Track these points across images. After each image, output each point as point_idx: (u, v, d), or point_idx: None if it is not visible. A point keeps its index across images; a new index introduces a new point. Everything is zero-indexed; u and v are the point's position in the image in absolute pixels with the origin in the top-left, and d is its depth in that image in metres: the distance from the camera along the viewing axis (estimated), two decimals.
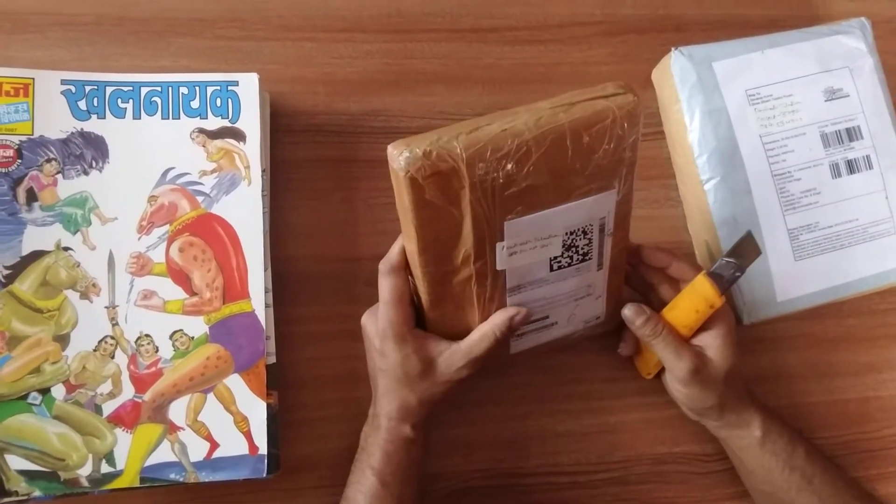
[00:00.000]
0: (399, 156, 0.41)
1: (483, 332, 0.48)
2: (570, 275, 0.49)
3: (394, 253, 0.49)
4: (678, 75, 0.59)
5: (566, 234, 0.46)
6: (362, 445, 0.51)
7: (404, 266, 0.48)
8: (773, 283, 0.57)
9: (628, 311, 0.51)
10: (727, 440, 0.54)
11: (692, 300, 0.50)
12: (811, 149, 0.58)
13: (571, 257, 0.48)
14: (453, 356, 0.48)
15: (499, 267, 0.46)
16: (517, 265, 0.47)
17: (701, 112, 0.58)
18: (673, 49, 0.59)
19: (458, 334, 0.49)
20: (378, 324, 0.49)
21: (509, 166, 0.42)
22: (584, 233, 0.47)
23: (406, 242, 0.46)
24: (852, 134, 0.59)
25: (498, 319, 0.48)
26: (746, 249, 0.50)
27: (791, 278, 0.57)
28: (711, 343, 0.51)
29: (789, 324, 0.60)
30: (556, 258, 0.47)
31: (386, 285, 0.48)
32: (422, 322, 0.50)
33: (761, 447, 0.51)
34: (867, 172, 0.59)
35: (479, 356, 0.48)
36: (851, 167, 0.58)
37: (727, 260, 0.50)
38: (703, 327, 0.51)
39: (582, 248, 0.48)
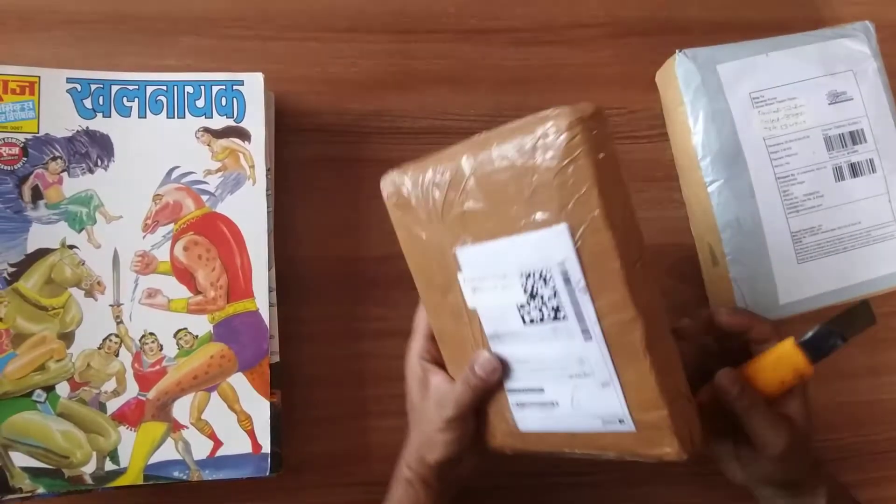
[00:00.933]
0: (385, 178, 0.45)
1: (462, 376, 0.45)
2: (547, 335, 0.41)
3: None
4: (682, 77, 0.59)
5: (522, 276, 0.40)
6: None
7: None
8: (775, 286, 0.57)
9: (725, 379, 0.44)
10: None
11: (777, 370, 0.44)
12: (815, 152, 0.58)
13: (541, 310, 0.41)
14: (440, 395, 0.46)
15: (468, 304, 0.44)
16: (485, 305, 0.43)
17: (705, 114, 0.58)
18: (677, 51, 0.59)
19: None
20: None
21: (444, 188, 0.41)
22: (544, 280, 0.40)
23: None
24: (856, 137, 0.59)
25: (468, 364, 0.44)
26: (859, 319, 0.44)
27: (794, 281, 0.57)
28: (797, 411, 0.45)
29: (792, 327, 0.60)
30: (522, 307, 0.41)
31: (417, 314, 0.49)
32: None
33: None
34: (870, 176, 0.59)
35: (458, 399, 0.44)
36: (855, 170, 0.59)
37: (829, 328, 0.44)
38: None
39: (549, 301, 0.40)
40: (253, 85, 0.55)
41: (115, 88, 0.54)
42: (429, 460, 0.47)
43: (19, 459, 0.48)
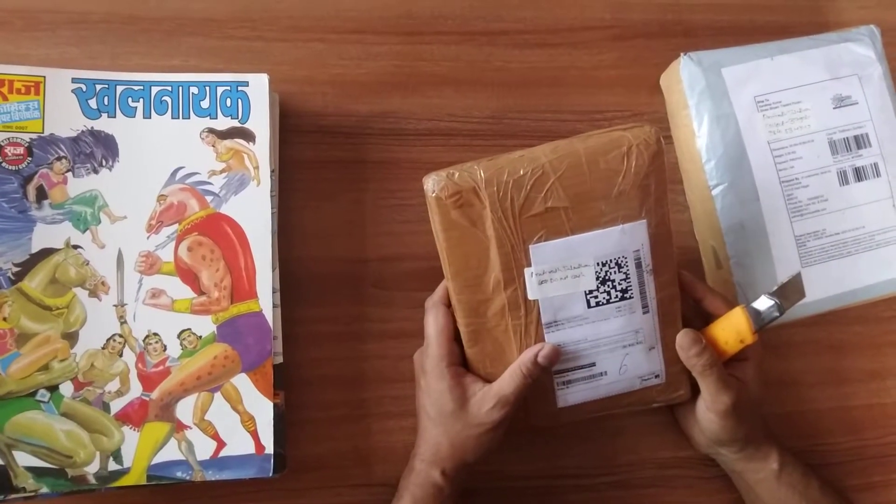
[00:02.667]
0: (428, 179, 0.46)
1: (511, 370, 0.47)
2: (610, 314, 0.48)
3: (438, 289, 0.50)
4: (687, 81, 0.59)
5: (598, 264, 0.47)
6: (398, 486, 0.50)
7: (447, 302, 0.49)
8: None
9: (685, 338, 0.49)
10: (743, 473, 0.53)
11: (725, 332, 0.49)
12: (819, 156, 0.58)
13: (609, 293, 0.48)
14: (485, 397, 0.47)
15: (530, 296, 0.47)
16: (550, 296, 0.47)
17: (709, 118, 0.58)
18: (682, 54, 0.59)
19: (498, 374, 0.48)
20: (421, 359, 0.50)
21: (527, 188, 0.45)
22: (619, 265, 0.47)
23: (444, 272, 0.48)
24: (860, 141, 0.59)
25: (525, 356, 0.47)
26: (791, 291, 0.49)
27: None
28: (745, 375, 0.50)
29: (795, 330, 0.60)
30: (591, 292, 0.48)
31: (429, 319, 0.49)
32: (466, 363, 0.50)
33: (777, 480, 0.51)
34: (875, 180, 0.59)
35: (509, 396, 0.47)
36: (859, 175, 0.59)
37: (769, 298, 0.48)
38: (736, 357, 0.50)
39: (619, 284, 0.47)
40: (258, 86, 0.55)
41: (120, 89, 0.54)
42: (469, 461, 0.49)
43: (23, 459, 0.48)
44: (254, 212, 0.54)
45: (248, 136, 0.55)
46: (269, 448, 0.51)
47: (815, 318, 0.59)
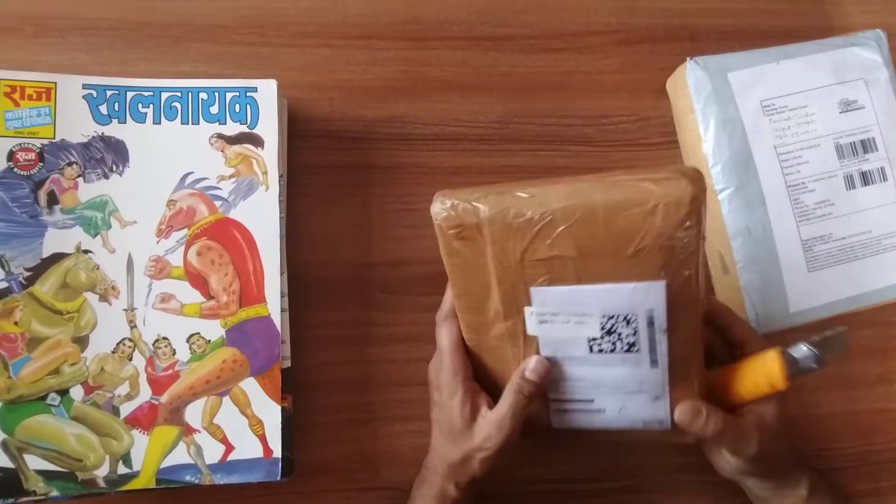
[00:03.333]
0: (435, 203, 0.44)
1: (505, 391, 0.46)
2: (614, 362, 0.45)
3: (447, 302, 0.49)
4: (693, 85, 0.59)
5: (604, 317, 0.43)
6: (411, 495, 0.51)
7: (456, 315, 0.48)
8: (786, 294, 0.57)
9: (682, 416, 0.45)
10: (770, 500, 0.51)
11: (755, 374, 0.46)
12: (826, 160, 0.58)
13: (614, 344, 0.44)
14: (485, 424, 0.46)
15: (529, 332, 0.45)
16: (550, 335, 0.45)
17: (715, 122, 0.58)
18: (688, 59, 0.60)
19: (500, 389, 0.47)
20: (437, 373, 0.49)
21: (532, 232, 0.41)
22: (627, 321, 0.43)
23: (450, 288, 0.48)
24: (867, 146, 0.59)
25: (515, 373, 0.46)
26: (835, 344, 0.45)
27: (804, 289, 0.57)
28: (768, 414, 0.46)
29: (802, 335, 0.59)
30: (594, 339, 0.44)
31: (442, 332, 0.49)
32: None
33: None
34: (881, 184, 0.59)
35: (505, 418, 0.45)
36: (866, 179, 0.59)
37: (809, 348, 0.44)
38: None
39: (626, 338, 0.44)
40: (266, 92, 0.56)
41: (130, 95, 0.54)
42: (478, 477, 0.48)
43: (33, 462, 0.48)
44: (262, 216, 0.54)
45: (257, 141, 0.55)
46: (277, 452, 0.51)
47: (822, 322, 0.58)
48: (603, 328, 0.43)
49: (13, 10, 0.58)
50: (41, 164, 0.52)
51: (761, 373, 0.45)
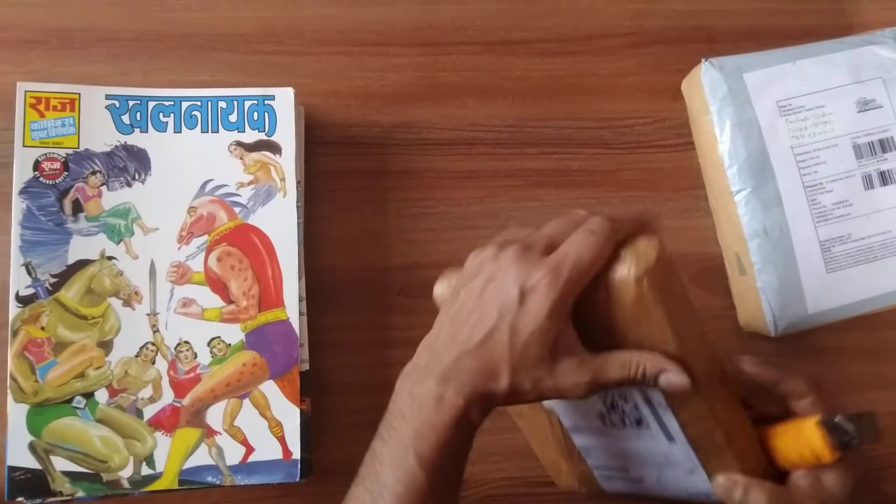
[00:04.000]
0: (436, 286, 0.44)
1: (622, 361, 0.37)
2: (630, 436, 0.43)
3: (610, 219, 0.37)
4: (708, 86, 0.59)
5: (599, 393, 0.40)
6: (389, 423, 0.40)
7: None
8: (804, 296, 0.56)
9: (719, 491, 0.41)
10: None
11: (796, 444, 0.41)
12: (843, 160, 0.58)
13: (623, 419, 0.42)
14: (580, 366, 0.37)
15: (545, 406, 0.44)
16: (565, 409, 0.44)
17: (731, 123, 0.58)
18: (703, 60, 0.59)
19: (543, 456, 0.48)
20: (534, 275, 0.36)
21: None
22: (624, 398, 0.41)
23: None
24: (885, 145, 0.58)
25: (647, 361, 0.37)
26: (867, 427, 0.39)
27: (823, 290, 0.57)
28: (831, 475, 0.40)
29: (821, 336, 0.60)
30: (603, 414, 0.43)
31: (589, 244, 0.36)
32: None
33: None
34: None
35: (603, 383, 0.37)
36: (884, 178, 0.58)
37: (847, 422, 0.39)
38: None
39: (630, 413, 0.42)
40: (284, 99, 0.56)
41: (151, 104, 0.56)
42: (506, 399, 0.38)
43: (60, 464, 0.50)
44: (280, 222, 0.55)
45: (275, 148, 0.56)
46: (296, 453, 0.52)
47: (842, 323, 0.58)
48: (605, 403, 0.42)
49: (38, 23, 0.60)
50: (66, 173, 0.54)
51: (803, 443, 0.40)
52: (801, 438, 0.40)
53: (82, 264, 0.53)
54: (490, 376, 0.37)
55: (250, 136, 0.56)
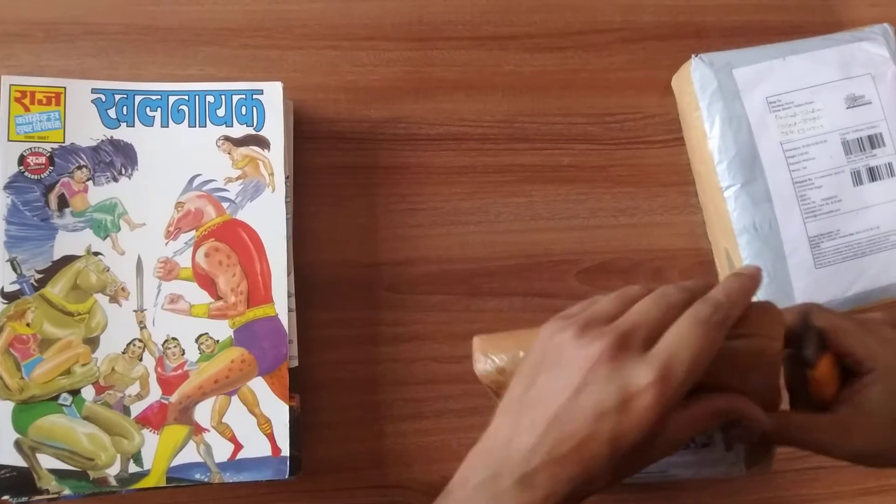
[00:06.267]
0: (478, 362, 0.40)
1: (715, 410, 0.35)
2: (687, 454, 0.44)
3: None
4: (698, 82, 0.59)
5: None
6: None
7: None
8: (793, 291, 0.57)
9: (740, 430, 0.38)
10: None
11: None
12: (832, 156, 0.58)
13: (687, 445, 0.42)
14: (678, 431, 0.34)
15: None
16: None
17: (721, 119, 0.58)
18: (693, 56, 0.59)
19: None
20: (639, 379, 0.32)
21: None
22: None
23: None
24: (874, 141, 0.58)
25: (734, 404, 0.36)
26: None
27: (811, 286, 0.57)
28: (871, 390, 0.38)
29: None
30: None
31: (699, 338, 0.33)
32: None
33: None
34: (889, 180, 0.58)
35: (679, 443, 0.35)
36: (873, 175, 0.58)
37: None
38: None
39: (699, 439, 0.43)
40: (272, 94, 0.56)
41: (138, 98, 0.55)
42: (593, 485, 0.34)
43: (46, 461, 0.49)
44: (269, 217, 0.55)
45: (263, 143, 0.56)
46: (285, 450, 0.51)
47: None
48: None
49: (23, 15, 0.59)
50: (51, 167, 0.53)
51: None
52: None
53: (68, 260, 0.52)
54: (587, 483, 0.33)
55: (238, 130, 0.55)
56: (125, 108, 0.55)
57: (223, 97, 0.56)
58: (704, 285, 0.36)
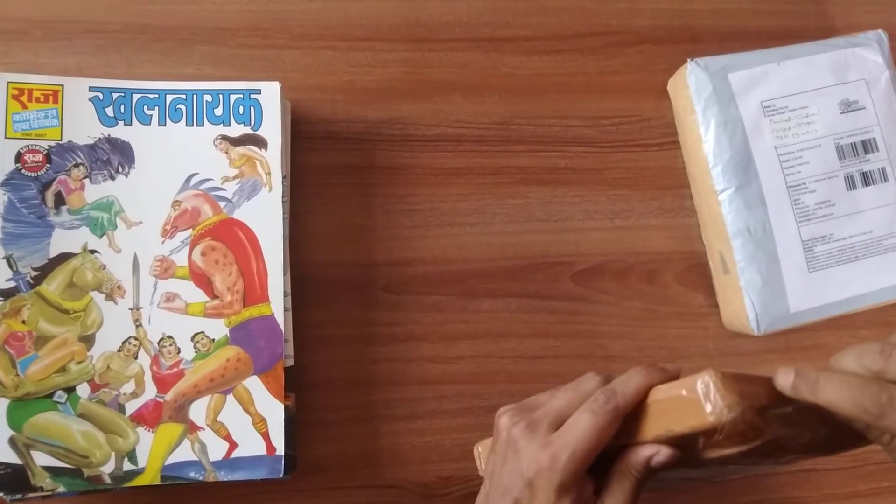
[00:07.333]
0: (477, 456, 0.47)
1: (618, 476, 0.38)
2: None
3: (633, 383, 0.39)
4: (694, 86, 0.59)
5: None
6: None
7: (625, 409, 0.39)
8: (786, 295, 0.57)
9: (782, 381, 0.35)
10: None
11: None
12: (826, 160, 0.58)
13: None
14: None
15: None
16: None
17: (716, 123, 0.58)
18: (689, 60, 0.60)
19: None
20: (535, 462, 0.38)
21: None
22: None
23: None
24: (868, 146, 0.59)
25: (634, 457, 0.38)
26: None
27: (805, 290, 0.57)
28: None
29: (803, 335, 0.61)
30: None
31: (589, 427, 0.38)
32: None
33: None
34: (882, 185, 0.59)
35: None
36: (867, 179, 0.59)
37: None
38: None
39: None
40: (269, 94, 0.56)
41: (135, 97, 0.55)
42: None
43: (41, 459, 0.49)
44: (266, 217, 0.55)
45: (261, 142, 0.56)
46: (280, 449, 0.51)
47: (824, 322, 0.59)
48: None
49: (21, 13, 0.59)
50: (48, 165, 0.53)
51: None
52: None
53: (64, 258, 0.52)
54: None
55: (236, 130, 0.56)
56: (123, 106, 0.55)
57: (221, 96, 0.56)
58: (622, 379, 0.40)
